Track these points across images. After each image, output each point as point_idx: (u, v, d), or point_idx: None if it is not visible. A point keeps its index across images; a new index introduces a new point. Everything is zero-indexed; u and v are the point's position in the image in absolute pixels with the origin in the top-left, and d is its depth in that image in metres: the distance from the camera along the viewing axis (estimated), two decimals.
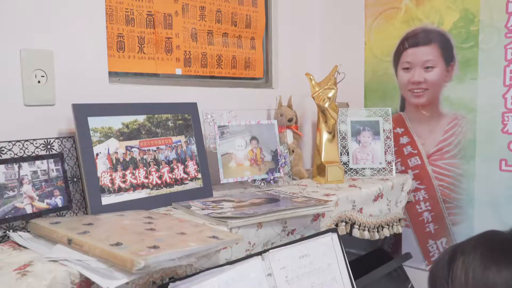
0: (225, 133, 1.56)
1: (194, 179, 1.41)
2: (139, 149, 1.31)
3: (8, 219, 1.04)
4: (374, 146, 1.84)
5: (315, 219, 1.37)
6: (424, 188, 1.88)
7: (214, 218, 1.17)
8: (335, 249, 1.35)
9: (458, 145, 1.78)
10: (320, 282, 1.27)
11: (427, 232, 1.88)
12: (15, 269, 0.82)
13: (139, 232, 0.99)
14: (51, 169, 1.14)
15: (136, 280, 0.94)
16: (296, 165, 1.80)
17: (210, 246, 0.97)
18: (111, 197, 1.22)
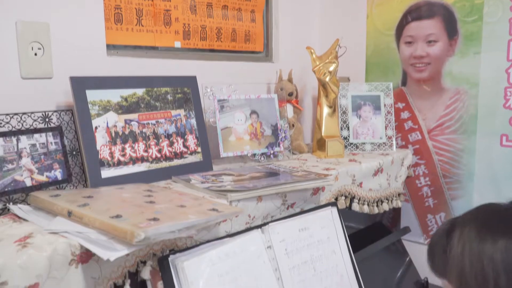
0: (224, 107, 1.55)
1: (194, 153, 1.41)
2: (138, 123, 1.30)
3: (8, 191, 1.04)
4: (375, 121, 1.84)
5: (315, 193, 1.37)
6: (424, 163, 1.88)
7: (214, 191, 1.17)
8: (335, 223, 1.36)
9: (459, 120, 1.77)
10: (319, 255, 1.28)
11: (426, 206, 1.89)
12: (15, 241, 0.82)
13: (139, 205, 0.99)
14: (50, 142, 1.14)
15: (136, 252, 0.95)
16: (296, 139, 1.80)
17: (210, 218, 0.97)
18: (111, 171, 1.22)
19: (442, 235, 0.90)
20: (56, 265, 0.81)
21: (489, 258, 0.80)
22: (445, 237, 0.89)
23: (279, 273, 1.19)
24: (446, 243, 0.88)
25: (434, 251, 0.91)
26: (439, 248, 0.90)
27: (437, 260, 0.90)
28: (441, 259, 0.88)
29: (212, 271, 1.05)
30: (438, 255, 0.89)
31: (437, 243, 0.91)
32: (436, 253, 0.90)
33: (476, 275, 0.81)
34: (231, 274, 1.08)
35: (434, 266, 0.92)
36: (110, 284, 0.91)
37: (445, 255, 0.87)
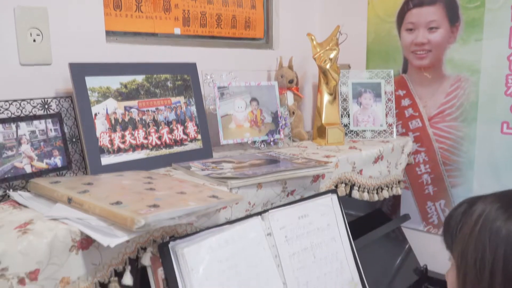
0: (224, 94, 1.54)
1: (194, 140, 1.41)
2: (138, 110, 1.30)
3: (8, 178, 1.04)
4: (375, 108, 1.83)
5: (315, 180, 1.37)
6: (424, 150, 1.87)
7: (214, 178, 1.17)
8: (335, 210, 1.36)
9: (460, 108, 1.76)
10: (319, 242, 1.29)
11: (426, 194, 1.89)
12: (16, 227, 0.82)
13: (139, 192, 0.99)
14: (50, 129, 1.13)
15: (136, 239, 0.95)
16: (296, 126, 1.79)
17: (210, 205, 0.97)
18: (111, 158, 1.22)
19: (461, 210, 0.88)
20: (57, 252, 0.82)
21: (492, 246, 0.78)
22: (462, 212, 0.87)
23: (279, 260, 1.19)
24: (460, 219, 0.86)
25: (449, 223, 0.89)
26: (453, 222, 0.88)
27: (449, 232, 0.89)
28: (452, 233, 0.88)
29: (212, 258, 1.05)
30: (451, 228, 0.88)
31: (453, 216, 0.89)
32: (450, 226, 0.88)
33: (476, 260, 0.80)
34: (231, 261, 1.08)
35: (445, 237, 0.91)
36: (110, 270, 0.91)
37: (456, 230, 0.86)
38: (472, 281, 0.80)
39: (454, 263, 0.87)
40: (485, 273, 0.78)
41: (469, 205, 0.87)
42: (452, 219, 0.90)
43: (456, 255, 0.85)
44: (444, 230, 0.93)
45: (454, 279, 0.87)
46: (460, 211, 0.88)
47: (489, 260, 0.77)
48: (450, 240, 0.89)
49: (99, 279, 0.90)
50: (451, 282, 0.89)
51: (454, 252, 0.86)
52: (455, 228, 0.87)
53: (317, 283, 1.25)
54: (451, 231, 0.89)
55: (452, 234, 0.88)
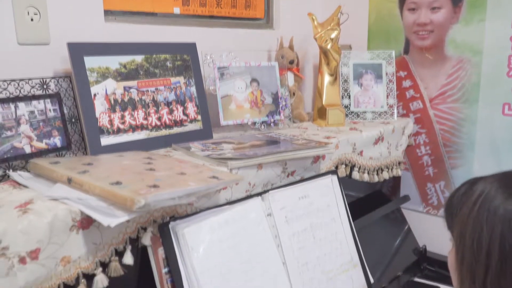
0: (225, 75, 1.53)
1: (194, 121, 1.40)
2: (138, 90, 1.29)
3: (8, 158, 1.04)
4: (376, 90, 1.82)
5: (315, 161, 1.36)
6: (425, 132, 1.87)
7: (214, 159, 1.16)
8: (335, 191, 1.36)
9: (461, 89, 1.75)
10: (319, 222, 1.29)
11: (426, 175, 1.89)
12: (16, 207, 0.82)
13: (139, 172, 0.98)
14: (48, 109, 1.13)
15: (137, 219, 0.95)
16: (297, 108, 1.79)
17: (210, 186, 0.97)
18: (110, 138, 1.21)
19: (462, 190, 0.88)
20: (57, 231, 0.82)
21: (489, 226, 0.78)
22: (463, 192, 0.87)
23: (279, 240, 1.20)
24: (461, 200, 0.86)
25: (450, 203, 0.90)
26: (454, 202, 0.88)
27: (450, 213, 0.89)
28: (453, 213, 0.88)
29: (213, 238, 1.06)
30: (452, 208, 0.88)
31: (454, 197, 0.89)
32: (451, 206, 0.88)
33: (474, 240, 0.79)
34: (231, 241, 1.09)
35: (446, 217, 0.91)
36: (111, 250, 0.92)
37: (456, 210, 0.86)
38: (469, 261, 0.80)
39: (454, 243, 0.87)
40: (482, 253, 0.77)
41: (469, 186, 0.87)
42: (453, 199, 0.89)
43: (455, 236, 0.85)
44: (445, 210, 0.93)
45: (453, 259, 0.87)
46: (461, 191, 0.88)
47: (486, 240, 0.77)
48: (450, 221, 0.89)
49: (99, 258, 0.90)
50: (451, 263, 0.89)
51: (454, 232, 0.86)
52: (456, 209, 0.87)
53: (317, 263, 1.26)
54: (452, 211, 0.88)
55: (453, 215, 0.88)
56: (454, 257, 0.87)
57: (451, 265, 0.90)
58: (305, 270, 1.22)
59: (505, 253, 0.75)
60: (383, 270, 1.57)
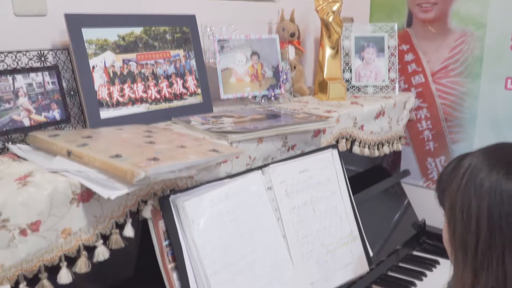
0: (225, 48, 1.51)
1: (194, 94, 1.39)
2: (137, 63, 1.28)
3: (7, 131, 1.03)
4: (378, 63, 1.80)
5: (316, 135, 1.36)
6: (426, 106, 1.86)
7: (214, 132, 1.16)
8: (335, 165, 1.36)
9: (464, 63, 1.74)
10: (319, 196, 1.29)
11: (426, 150, 1.89)
12: (16, 179, 0.82)
13: (139, 145, 0.98)
14: (47, 81, 1.11)
15: (137, 191, 0.95)
16: (298, 81, 1.77)
17: (210, 159, 0.97)
18: (110, 111, 1.21)
19: (451, 166, 0.91)
20: (57, 203, 0.82)
21: (477, 199, 0.80)
22: (452, 167, 0.90)
23: (279, 214, 1.20)
24: (451, 173, 0.89)
25: (440, 180, 0.93)
26: (444, 178, 0.91)
27: (440, 188, 0.92)
28: (443, 188, 0.90)
29: (213, 211, 1.06)
30: (442, 183, 0.91)
31: (444, 172, 0.92)
32: (441, 182, 0.91)
33: (463, 213, 0.82)
34: (231, 214, 1.09)
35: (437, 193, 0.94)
36: (111, 223, 0.92)
37: (446, 185, 0.88)
38: (460, 233, 0.82)
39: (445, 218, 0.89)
40: (472, 224, 0.80)
41: (458, 162, 0.89)
42: (443, 175, 0.92)
43: (446, 210, 0.87)
44: (436, 186, 0.95)
45: (446, 234, 0.90)
46: (451, 166, 0.91)
47: (474, 211, 0.79)
48: (441, 195, 0.92)
49: (100, 230, 0.90)
50: (445, 237, 0.91)
51: (445, 206, 0.88)
52: (445, 184, 0.89)
53: (317, 236, 1.26)
54: (442, 186, 0.91)
55: (443, 190, 0.90)
56: (446, 231, 0.89)
57: (445, 240, 0.92)
58: (304, 243, 1.23)
59: (493, 222, 0.78)
60: (382, 244, 1.58)
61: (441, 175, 0.93)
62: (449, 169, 0.91)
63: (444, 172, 0.92)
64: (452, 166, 0.91)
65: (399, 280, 1.53)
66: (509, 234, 0.77)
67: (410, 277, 1.54)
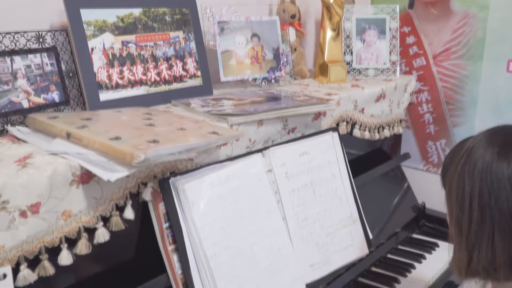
0: (225, 30, 1.50)
1: (194, 76, 1.38)
2: (136, 45, 1.26)
3: (6, 113, 1.02)
4: (379, 46, 1.78)
5: (316, 118, 1.35)
6: (427, 89, 1.85)
7: (214, 115, 1.15)
8: (335, 148, 1.36)
9: (466, 45, 1.72)
10: (319, 179, 1.29)
11: (427, 133, 1.88)
12: (15, 161, 0.82)
13: (138, 128, 0.98)
14: (45, 63, 1.10)
15: (137, 174, 0.95)
16: (298, 64, 1.76)
17: (210, 141, 0.96)
18: (109, 94, 1.20)
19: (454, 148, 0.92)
20: (57, 185, 0.82)
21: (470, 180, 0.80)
22: (454, 150, 0.91)
23: (279, 196, 1.20)
24: (452, 156, 0.89)
25: (444, 162, 0.93)
26: (447, 160, 0.91)
27: (443, 171, 0.93)
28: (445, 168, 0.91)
29: (213, 193, 1.06)
30: (445, 166, 0.92)
31: (448, 156, 0.93)
32: (444, 164, 0.92)
33: (458, 194, 0.82)
34: (231, 196, 1.09)
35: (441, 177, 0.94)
36: (111, 205, 0.92)
37: (447, 168, 0.89)
38: (456, 214, 0.83)
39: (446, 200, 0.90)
40: (465, 205, 0.81)
41: (461, 144, 0.90)
42: (446, 158, 0.93)
43: (446, 190, 0.89)
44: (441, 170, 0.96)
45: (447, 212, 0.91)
46: (453, 149, 0.92)
47: (468, 193, 0.80)
48: (443, 179, 0.93)
49: (100, 213, 0.90)
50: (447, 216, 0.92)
51: (445, 187, 0.90)
52: (447, 167, 0.90)
53: (317, 219, 1.27)
54: (444, 170, 0.92)
55: (445, 173, 0.91)
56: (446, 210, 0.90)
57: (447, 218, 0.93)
58: (304, 226, 1.23)
59: (483, 203, 0.79)
60: (382, 227, 1.59)
61: (445, 159, 0.94)
62: (452, 152, 0.92)
63: (448, 155, 0.93)
64: (454, 149, 0.91)
65: (398, 263, 1.53)
66: (498, 215, 0.78)
67: (409, 259, 1.55)
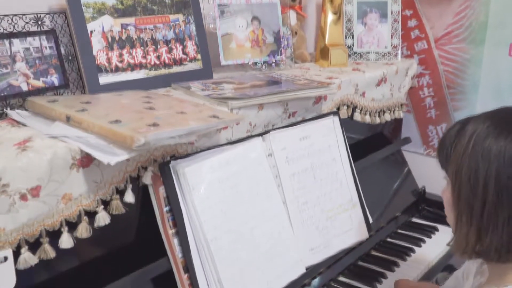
0: (225, 12, 1.48)
1: (194, 60, 1.37)
2: (135, 28, 1.25)
3: (5, 96, 1.02)
4: (381, 29, 1.77)
5: (317, 101, 1.35)
6: (428, 73, 1.84)
7: (214, 99, 1.15)
8: (336, 132, 1.35)
9: (468, 28, 1.70)
10: (319, 163, 1.29)
11: (428, 117, 1.88)
12: (15, 144, 0.82)
13: (138, 111, 0.97)
14: (44, 46, 1.09)
15: (137, 157, 0.95)
16: (299, 48, 1.74)
17: (210, 125, 0.96)
18: (109, 77, 1.19)
19: (454, 129, 0.92)
20: (57, 169, 0.82)
21: (484, 164, 0.82)
22: (456, 131, 0.90)
23: (279, 180, 1.20)
24: (455, 138, 0.89)
25: (443, 142, 0.93)
26: (447, 141, 0.91)
27: (443, 151, 0.92)
28: (447, 152, 0.91)
29: (213, 177, 1.06)
30: (445, 147, 0.92)
31: (447, 136, 0.93)
32: (444, 145, 0.92)
33: (470, 176, 0.84)
34: (232, 180, 1.09)
35: (440, 157, 0.94)
36: (112, 188, 0.92)
37: (450, 150, 0.89)
38: (466, 196, 0.85)
39: (449, 181, 0.90)
40: (478, 187, 0.83)
41: (462, 125, 0.90)
42: (446, 138, 0.93)
43: (450, 173, 0.89)
44: (438, 149, 0.96)
45: (449, 196, 0.91)
46: (454, 130, 0.92)
47: (482, 175, 0.82)
48: (444, 159, 0.93)
49: (101, 196, 0.91)
50: (447, 199, 0.93)
51: (449, 170, 0.90)
52: (449, 147, 0.90)
53: (317, 203, 1.27)
54: (445, 150, 0.92)
55: (447, 153, 0.91)
56: (450, 194, 0.90)
57: (447, 203, 0.94)
58: (305, 209, 1.24)
59: (501, 185, 0.81)
60: (382, 211, 1.59)
61: (444, 138, 0.94)
62: (453, 133, 0.91)
63: (447, 135, 0.93)
64: (455, 130, 0.91)
65: (398, 246, 1.54)
66: None
67: (409, 243, 1.55)
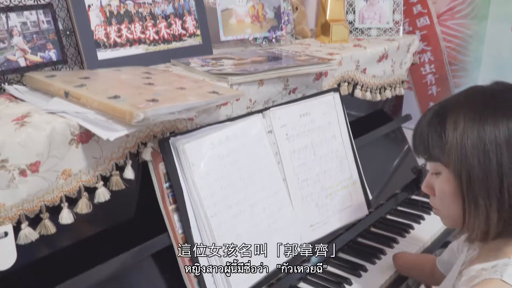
0: None
1: (193, 35, 1.35)
2: (134, 2, 1.23)
3: (2, 71, 1.01)
4: (382, 5, 1.74)
5: (317, 78, 1.34)
6: (430, 49, 1.82)
7: (214, 74, 1.14)
8: (336, 108, 1.35)
9: (471, 4, 1.68)
10: (320, 140, 1.29)
11: (429, 94, 1.87)
12: (13, 120, 0.81)
13: (138, 86, 0.96)
14: (41, 20, 1.08)
15: (136, 133, 0.94)
16: (300, 23, 1.72)
17: (210, 101, 0.95)
18: (107, 52, 1.18)
19: (434, 119, 0.90)
20: (56, 144, 0.81)
21: (491, 138, 0.82)
22: (437, 122, 0.89)
23: (279, 157, 1.20)
24: (441, 128, 0.87)
25: (425, 135, 0.91)
26: (432, 132, 0.89)
27: (430, 144, 0.90)
28: (436, 143, 0.88)
29: (213, 153, 1.06)
30: (431, 139, 0.89)
31: (429, 128, 0.90)
32: (429, 138, 0.90)
33: (479, 155, 0.82)
34: (232, 157, 1.09)
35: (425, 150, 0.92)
36: (111, 164, 0.92)
37: (441, 139, 0.87)
38: (479, 178, 0.83)
39: (448, 172, 0.88)
40: (492, 164, 0.82)
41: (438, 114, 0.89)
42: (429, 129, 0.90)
43: (452, 162, 0.86)
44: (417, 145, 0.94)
45: (450, 187, 0.88)
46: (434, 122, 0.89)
47: (493, 150, 0.81)
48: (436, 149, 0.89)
49: (100, 172, 0.90)
50: (445, 191, 0.90)
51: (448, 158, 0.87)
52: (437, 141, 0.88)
53: (317, 180, 1.27)
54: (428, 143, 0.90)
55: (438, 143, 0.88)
56: (451, 184, 0.88)
57: (445, 194, 0.91)
58: (304, 186, 1.24)
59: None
60: (381, 188, 1.59)
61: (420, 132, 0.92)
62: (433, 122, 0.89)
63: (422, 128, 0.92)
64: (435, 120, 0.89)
65: (397, 223, 1.55)
66: None
67: (408, 220, 1.56)
